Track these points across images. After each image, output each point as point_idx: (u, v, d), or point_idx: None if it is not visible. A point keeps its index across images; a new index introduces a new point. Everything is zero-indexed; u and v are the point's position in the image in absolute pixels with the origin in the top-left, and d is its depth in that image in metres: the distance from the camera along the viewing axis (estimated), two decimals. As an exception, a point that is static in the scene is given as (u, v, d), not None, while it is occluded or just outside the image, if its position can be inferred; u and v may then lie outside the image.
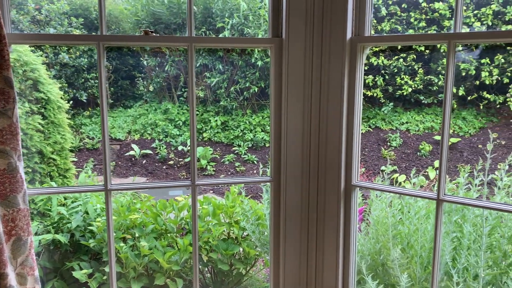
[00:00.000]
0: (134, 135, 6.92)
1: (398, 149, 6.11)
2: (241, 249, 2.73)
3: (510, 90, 5.98)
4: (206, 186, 5.82)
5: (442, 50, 6.42)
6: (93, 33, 1.59)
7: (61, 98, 3.40)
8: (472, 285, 1.91)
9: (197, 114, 6.97)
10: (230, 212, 2.78)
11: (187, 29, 1.67)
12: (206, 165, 6.28)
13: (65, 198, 2.82)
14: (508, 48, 6.00)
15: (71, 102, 6.35)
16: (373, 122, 6.72)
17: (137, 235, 2.61)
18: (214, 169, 6.30)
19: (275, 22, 1.75)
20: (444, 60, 6.28)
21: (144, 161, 6.50)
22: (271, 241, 1.87)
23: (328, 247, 1.81)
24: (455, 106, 6.39)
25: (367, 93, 6.75)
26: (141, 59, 7.27)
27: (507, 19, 5.81)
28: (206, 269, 2.81)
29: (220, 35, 6.52)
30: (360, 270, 2.06)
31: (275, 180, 1.83)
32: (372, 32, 1.66)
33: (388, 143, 6.32)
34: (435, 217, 1.57)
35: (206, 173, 6.20)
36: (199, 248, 2.63)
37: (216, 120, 6.86)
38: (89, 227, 2.63)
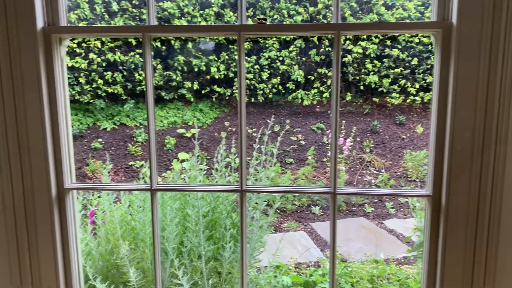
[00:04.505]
0: None
1: (145, 145, 6.18)
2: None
3: (235, 83, 6.84)
4: None
5: (176, 47, 6.80)
6: None
7: None
8: (196, 264, 2.06)
9: None
10: None
11: None
12: None
13: None
14: (230, 46, 6.83)
15: None
16: (118, 119, 6.59)
17: None
18: None
19: None
20: (179, 57, 6.66)
21: None
22: (-30, 271, 1.55)
23: (44, 263, 1.62)
24: (192, 99, 6.89)
25: (108, 89, 6.55)
26: None
27: (225, 20, 6.59)
28: None
29: None
30: (89, 276, 1.94)
31: (-35, 197, 1.51)
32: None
33: (135, 139, 6.33)
34: (151, 206, 1.60)
35: None
36: None
37: None
38: None
